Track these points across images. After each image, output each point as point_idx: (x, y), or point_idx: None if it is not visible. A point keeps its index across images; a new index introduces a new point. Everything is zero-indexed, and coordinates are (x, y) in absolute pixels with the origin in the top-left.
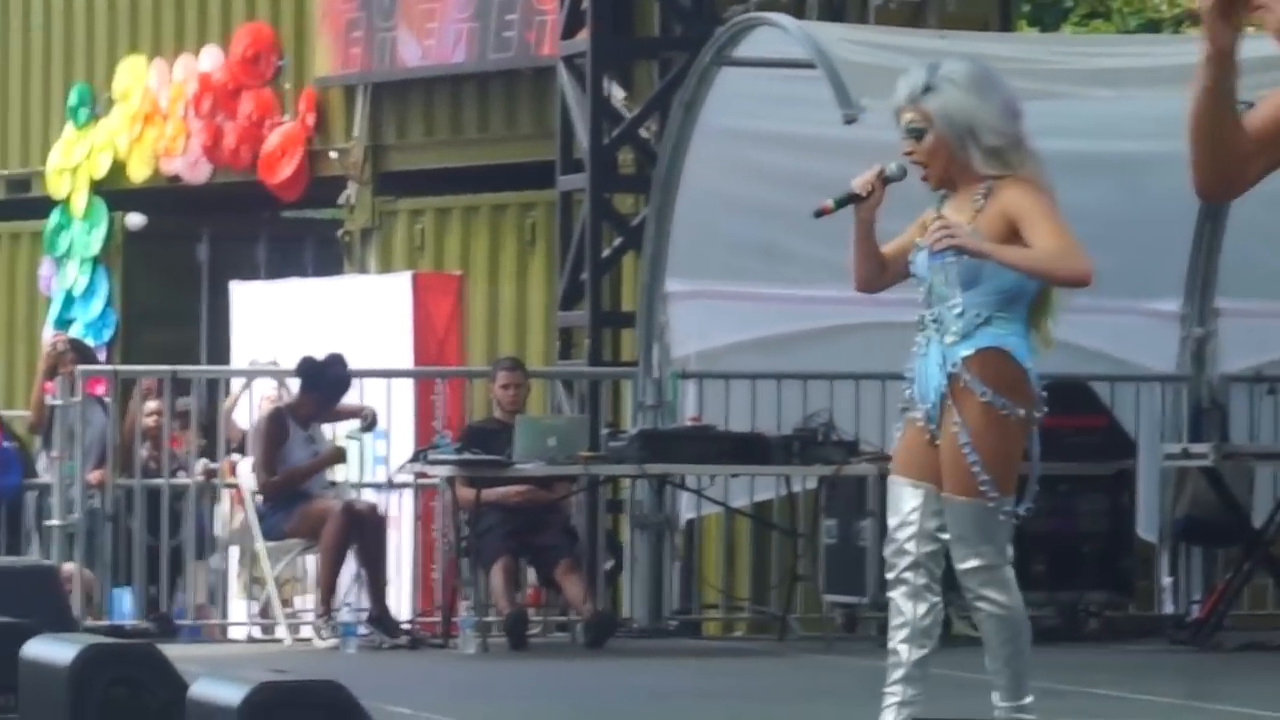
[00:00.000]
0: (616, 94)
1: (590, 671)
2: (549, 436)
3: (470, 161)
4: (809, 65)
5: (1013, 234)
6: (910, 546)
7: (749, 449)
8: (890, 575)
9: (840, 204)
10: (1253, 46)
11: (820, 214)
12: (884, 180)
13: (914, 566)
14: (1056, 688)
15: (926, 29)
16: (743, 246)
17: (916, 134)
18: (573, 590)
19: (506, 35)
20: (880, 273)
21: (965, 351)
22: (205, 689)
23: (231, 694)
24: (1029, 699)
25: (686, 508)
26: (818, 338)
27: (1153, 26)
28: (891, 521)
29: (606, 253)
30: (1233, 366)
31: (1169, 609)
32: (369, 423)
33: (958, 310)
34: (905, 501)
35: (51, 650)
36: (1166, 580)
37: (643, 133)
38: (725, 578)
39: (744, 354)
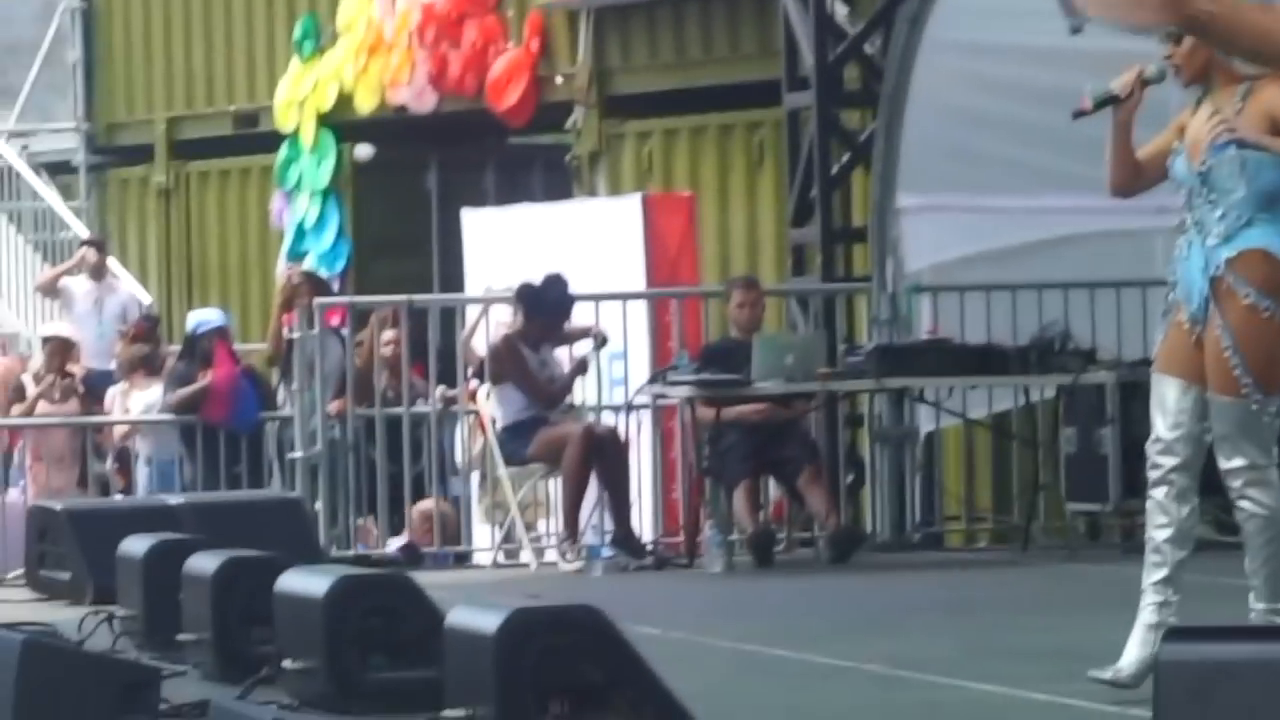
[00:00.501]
0: (839, 10)
1: (837, 586)
2: (787, 354)
3: (695, 82)
4: None
5: (1276, 130)
6: (1178, 447)
7: (986, 360)
8: (1154, 475)
9: (1099, 105)
10: None
11: (1080, 114)
12: (1144, 83)
13: (1180, 468)
14: None
15: None
16: (972, 158)
17: (1175, 36)
18: (817, 500)
19: None
20: (1135, 177)
21: (1228, 253)
22: (462, 617)
23: (489, 621)
24: None
25: (925, 421)
26: (1051, 247)
27: None
28: (1158, 420)
29: (835, 169)
30: None
31: None
32: (600, 341)
33: (1219, 213)
34: (1173, 400)
35: (305, 582)
36: None
37: (867, 48)
38: (966, 489)
39: (978, 266)
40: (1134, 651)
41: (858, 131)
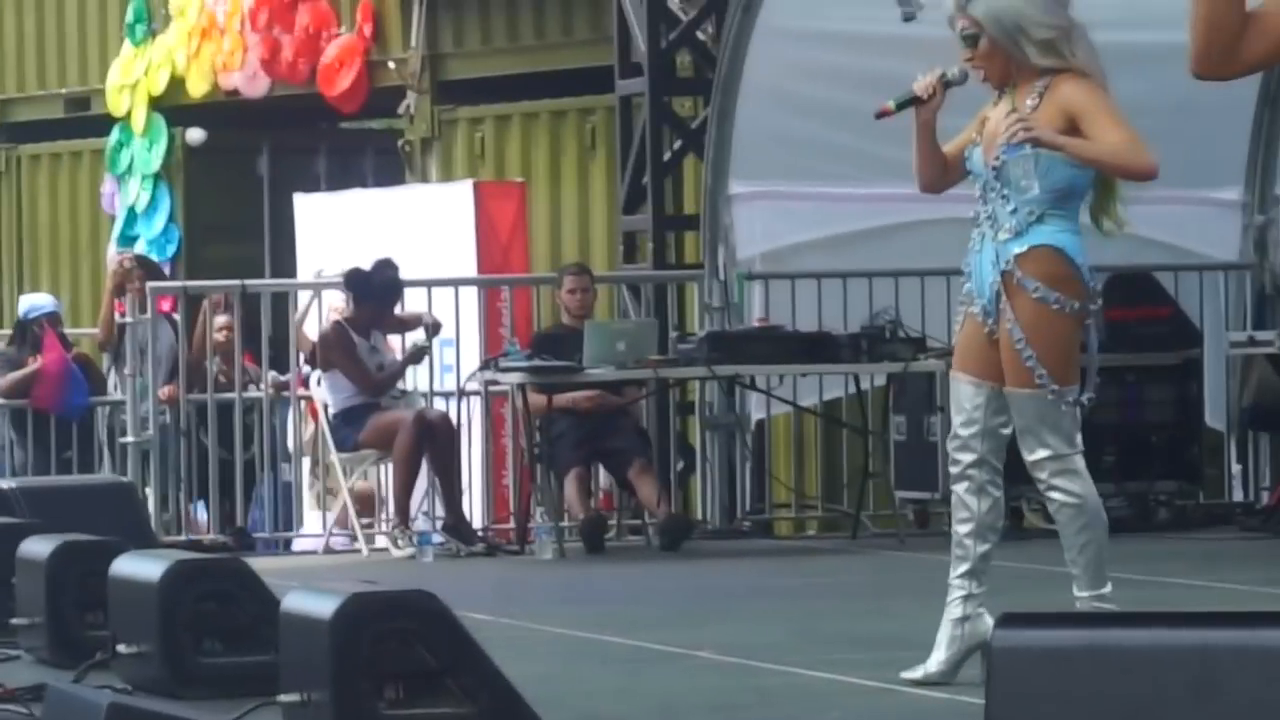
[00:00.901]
0: None
1: (667, 573)
2: (618, 341)
3: (528, 68)
4: None
5: (1071, 129)
6: (974, 443)
7: (817, 348)
8: (954, 470)
9: (901, 106)
10: None
11: (881, 115)
12: (945, 84)
13: (978, 463)
14: (1130, 577)
15: None
16: (804, 146)
17: (971, 40)
18: (646, 491)
19: None
20: (943, 174)
21: (1018, 249)
22: (297, 602)
23: (324, 606)
24: (1108, 588)
25: (756, 408)
26: (881, 235)
27: None
28: (955, 418)
29: (667, 156)
30: None
31: (1239, 497)
32: (434, 329)
33: (1011, 206)
34: (967, 398)
35: (139, 567)
36: (1236, 468)
37: (700, 35)
38: (796, 477)
39: (809, 253)
40: (941, 651)
41: (690, 119)
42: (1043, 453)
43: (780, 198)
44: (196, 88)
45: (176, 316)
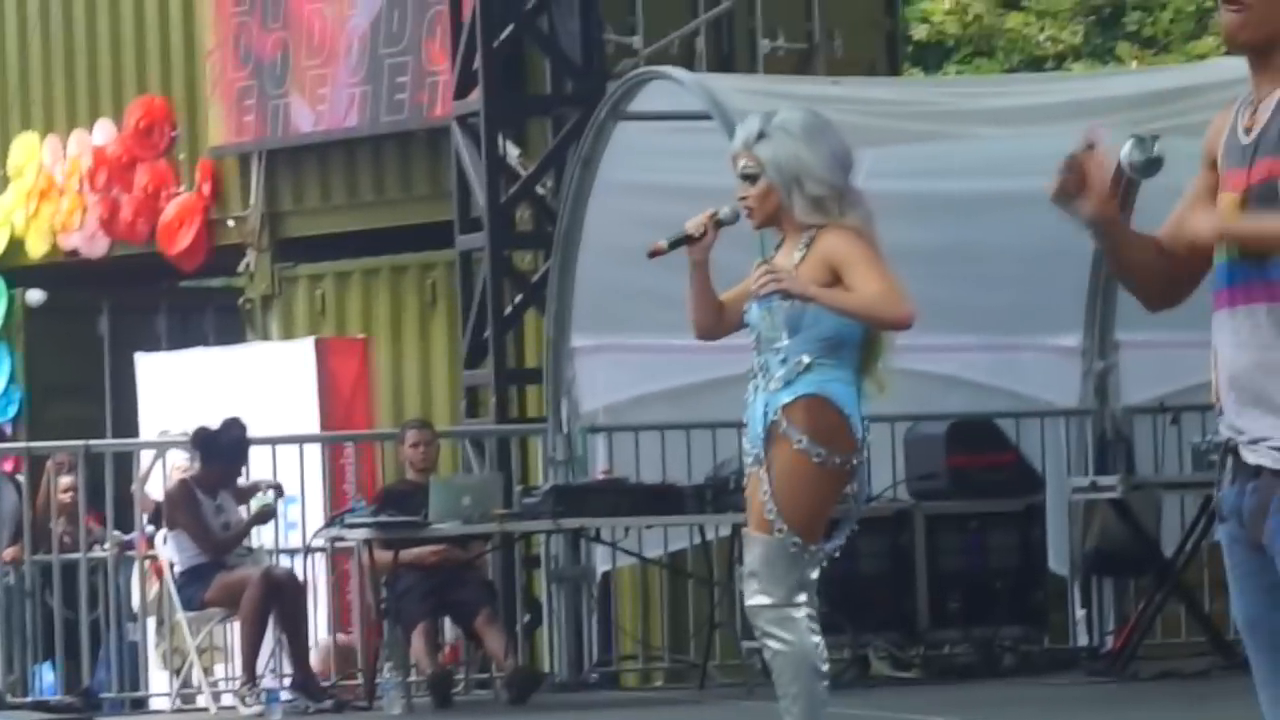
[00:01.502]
0: (511, 152)
1: None
2: (463, 496)
3: (368, 225)
4: (704, 116)
5: (835, 280)
6: (746, 592)
7: (662, 500)
8: (757, 634)
9: (674, 245)
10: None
11: (654, 254)
12: (716, 223)
13: None
14: None
15: (815, 75)
16: (643, 297)
17: (750, 178)
18: (494, 642)
19: (399, 98)
20: (718, 320)
21: (786, 399)
22: None
23: None
24: None
25: (602, 560)
26: (723, 386)
27: (1035, 64)
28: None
29: (508, 310)
30: (1135, 398)
31: (1083, 641)
32: (278, 492)
33: (781, 356)
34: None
35: None
36: (1080, 613)
37: (539, 189)
38: (643, 628)
39: (652, 406)
40: None
41: (530, 272)
42: (762, 600)
43: (622, 350)
44: (35, 248)
45: (20, 477)
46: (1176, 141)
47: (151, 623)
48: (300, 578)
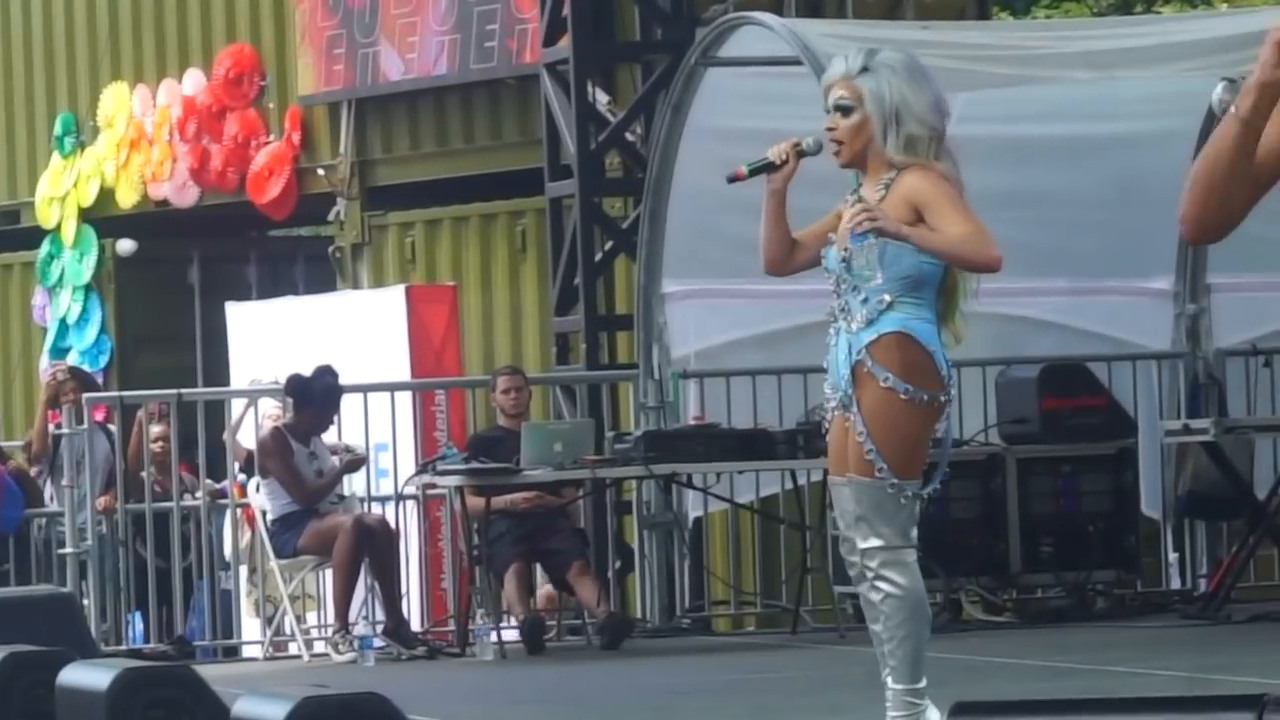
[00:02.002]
0: (601, 99)
1: (608, 673)
2: (555, 442)
3: (457, 172)
4: (794, 62)
5: (917, 220)
6: (857, 537)
7: (753, 445)
8: (853, 572)
9: (754, 171)
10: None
11: (734, 179)
12: (799, 153)
13: None
14: (1071, 666)
15: (905, 20)
16: (736, 244)
17: (845, 109)
18: (586, 592)
19: (488, 45)
20: (789, 255)
21: (869, 337)
22: (249, 707)
23: (276, 711)
24: (922, 683)
25: (693, 506)
26: (815, 331)
27: (1124, 7)
28: (840, 521)
29: (598, 257)
30: (1227, 341)
31: (1176, 584)
32: (357, 464)
33: (862, 296)
34: (846, 500)
35: (87, 676)
36: (1173, 556)
37: (629, 136)
38: (734, 574)
39: (743, 351)
40: None
41: (620, 219)
42: (875, 542)
43: (713, 295)
44: (126, 198)
45: (111, 426)
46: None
47: (244, 571)
48: (392, 525)
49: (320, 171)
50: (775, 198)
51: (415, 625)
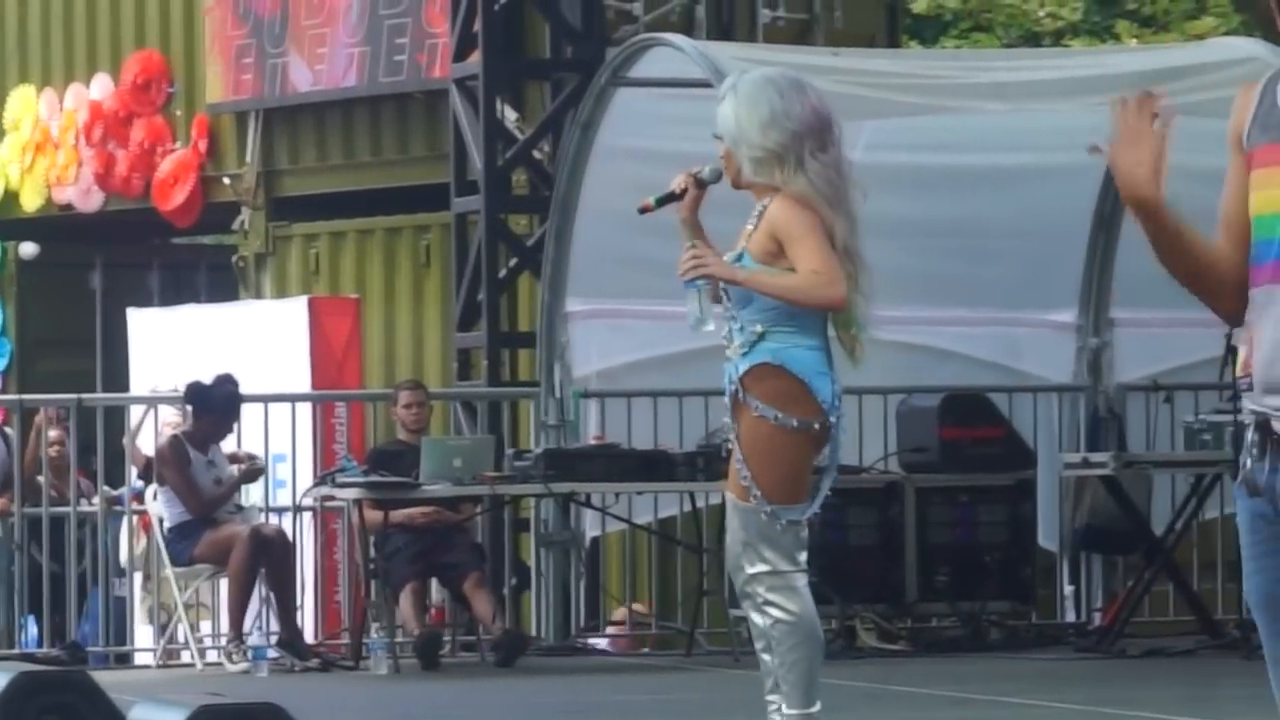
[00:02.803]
0: (509, 115)
1: (503, 690)
2: (455, 457)
3: (363, 185)
4: (705, 84)
5: (780, 249)
6: (745, 563)
7: (653, 466)
8: (759, 601)
9: (660, 202)
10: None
11: (643, 211)
12: (698, 182)
13: (751, 579)
14: (966, 696)
15: (816, 45)
16: (639, 264)
17: (719, 137)
18: (481, 606)
19: (397, 59)
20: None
21: (743, 367)
22: (144, 714)
23: (172, 718)
24: (816, 707)
25: (591, 525)
26: (718, 353)
27: (1033, 39)
28: (727, 539)
29: (502, 273)
30: (1128, 376)
31: (1071, 617)
32: (255, 474)
33: (739, 325)
34: (732, 526)
35: None
36: (1068, 589)
37: (536, 154)
38: (630, 594)
39: (645, 372)
40: None
41: (525, 236)
42: (761, 568)
43: (616, 315)
44: (30, 201)
45: (9, 430)
46: (1178, 120)
47: (139, 577)
48: (289, 536)
49: (226, 180)
50: (686, 227)
51: (309, 637)
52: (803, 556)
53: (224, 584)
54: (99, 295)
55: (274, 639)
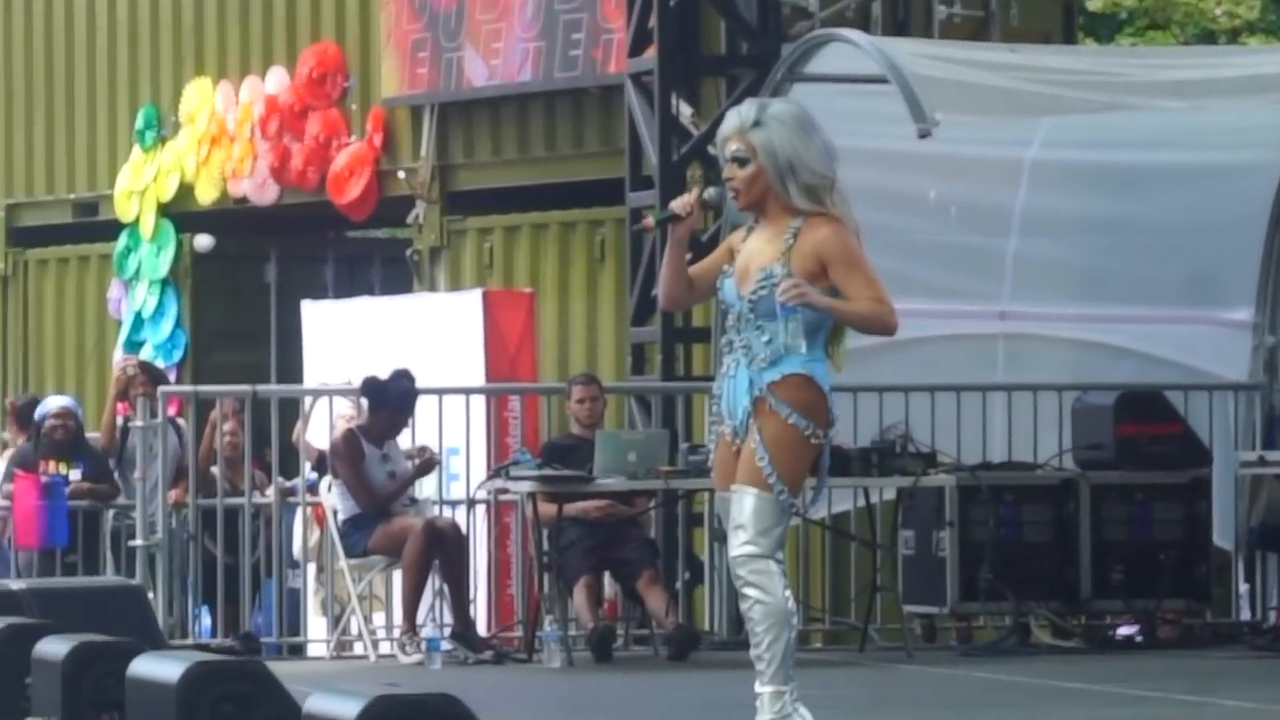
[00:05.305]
0: (684, 111)
1: (676, 684)
2: (629, 451)
3: (538, 179)
4: (880, 80)
5: (822, 270)
6: (732, 542)
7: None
8: (739, 584)
9: (660, 222)
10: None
11: (642, 230)
12: (703, 204)
13: None
14: (1138, 694)
15: (992, 41)
16: None
17: (741, 160)
18: (655, 602)
19: (573, 54)
20: (687, 291)
21: (772, 376)
22: (321, 704)
23: (348, 708)
24: (788, 686)
25: None
26: (892, 349)
27: (1209, 37)
28: (729, 533)
29: None
30: None
31: (1246, 616)
32: (427, 468)
33: (766, 338)
34: (732, 511)
35: (157, 668)
36: (1243, 587)
37: (711, 149)
38: (803, 589)
39: None
40: None
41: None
42: (750, 550)
43: None
44: (205, 194)
45: (183, 421)
46: None
47: (312, 569)
48: (463, 529)
49: (401, 174)
50: (678, 245)
51: (482, 630)
52: (782, 552)
53: (398, 576)
54: (274, 288)
55: (447, 631)
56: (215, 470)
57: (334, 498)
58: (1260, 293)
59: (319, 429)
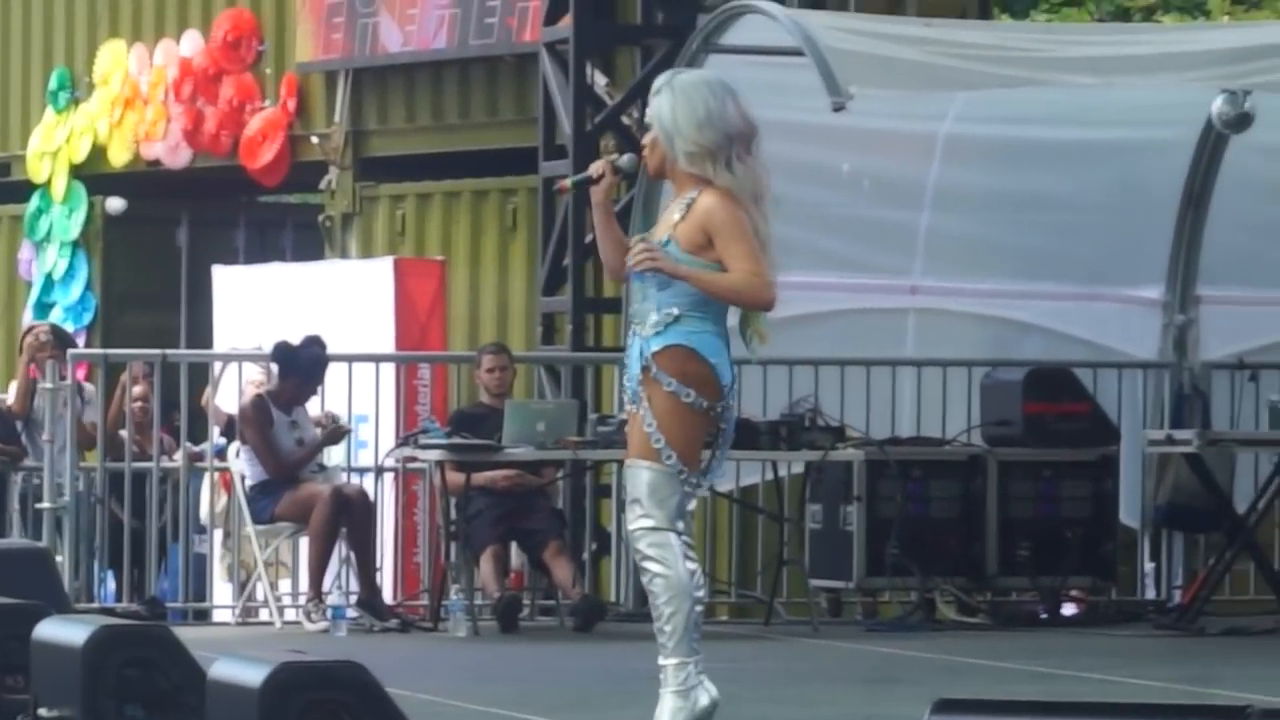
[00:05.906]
0: (599, 80)
1: (581, 655)
2: (538, 421)
3: (451, 147)
4: (796, 53)
5: (709, 242)
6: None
7: (735, 434)
8: (638, 558)
9: (577, 185)
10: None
11: (559, 192)
12: (615, 169)
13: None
14: (1043, 671)
15: (907, 15)
16: None
17: (647, 127)
18: (561, 573)
19: (488, 21)
20: (620, 258)
21: (656, 346)
22: (225, 669)
23: (253, 674)
24: (694, 658)
25: None
26: (801, 323)
27: (1123, 15)
28: (626, 507)
29: (589, 238)
30: (1214, 354)
31: (1151, 594)
32: (337, 436)
33: (654, 306)
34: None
35: (63, 631)
36: (1149, 566)
37: (625, 119)
38: (710, 562)
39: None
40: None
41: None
42: (647, 523)
43: None
44: (118, 157)
45: (90, 385)
46: (1267, 98)
47: (219, 535)
48: (370, 496)
49: (314, 140)
50: (600, 210)
51: (388, 597)
52: (681, 525)
53: (304, 543)
54: (185, 252)
55: (353, 599)
56: (124, 434)
57: (242, 463)
58: (1171, 271)
59: (228, 394)
